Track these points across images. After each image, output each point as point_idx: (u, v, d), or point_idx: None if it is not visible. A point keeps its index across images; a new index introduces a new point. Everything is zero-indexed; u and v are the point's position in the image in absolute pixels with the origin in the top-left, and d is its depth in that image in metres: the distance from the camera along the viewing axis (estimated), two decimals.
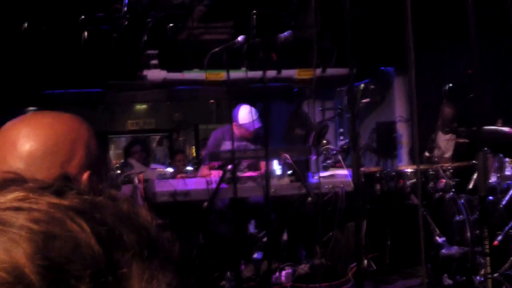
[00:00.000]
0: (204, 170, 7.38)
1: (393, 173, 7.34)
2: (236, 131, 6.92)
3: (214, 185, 6.34)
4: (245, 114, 7.03)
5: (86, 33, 8.85)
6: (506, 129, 4.10)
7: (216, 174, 6.76)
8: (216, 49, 5.92)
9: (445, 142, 7.52)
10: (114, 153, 13.89)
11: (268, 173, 5.65)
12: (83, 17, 8.92)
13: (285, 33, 5.59)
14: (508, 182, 6.10)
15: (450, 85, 7.44)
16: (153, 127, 14.19)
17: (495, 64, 8.17)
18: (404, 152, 9.78)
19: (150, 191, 6.42)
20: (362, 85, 8.33)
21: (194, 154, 12.86)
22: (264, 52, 5.56)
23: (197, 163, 9.78)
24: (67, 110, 1.68)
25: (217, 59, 6.10)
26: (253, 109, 7.00)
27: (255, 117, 6.92)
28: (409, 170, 7.18)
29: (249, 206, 6.83)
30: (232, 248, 6.59)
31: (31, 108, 9.49)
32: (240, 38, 5.75)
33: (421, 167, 7.15)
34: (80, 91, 10.21)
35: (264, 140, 6.47)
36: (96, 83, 9.57)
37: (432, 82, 8.78)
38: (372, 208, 7.00)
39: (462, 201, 6.22)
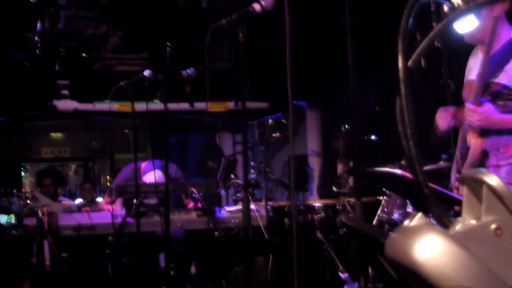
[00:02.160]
0: (105, 201, 7.34)
1: (302, 207, 7.39)
2: None
3: (119, 219, 6.28)
4: (151, 178, 6.96)
5: None
6: (397, 171, 4.20)
7: (119, 208, 6.74)
8: (121, 83, 5.90)
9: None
10: (29, 181, 13.66)
11: (168, 207, 5.67)
12: None
13: (188, 70, 5.60)
14: None
15: (347, 126, 7.59)
16: (69, 155, 13.97)
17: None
18: (315, 186, 9.87)
19: (54, 225, 6.32)
20: (272, 120, 8.41)
21: (109, 184, 12.73)
22: (166, 88, 5.56)
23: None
24: None
25: (127, 91, 6.06)
26: (158, 172, 6.88)
27: (160, 179, 6.83)
28: (317, 204, 7.25)
29: (157, 240, 6.79)
30: (141, 281, 6.57)
31: None
32: (146, 72, 5.74)
33: (329, 201, 7.25)
34: None
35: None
36: (9, 112, 9.41)
37: (347, 114, 8.88)
38: (280, 242, 7.03)
39: None
